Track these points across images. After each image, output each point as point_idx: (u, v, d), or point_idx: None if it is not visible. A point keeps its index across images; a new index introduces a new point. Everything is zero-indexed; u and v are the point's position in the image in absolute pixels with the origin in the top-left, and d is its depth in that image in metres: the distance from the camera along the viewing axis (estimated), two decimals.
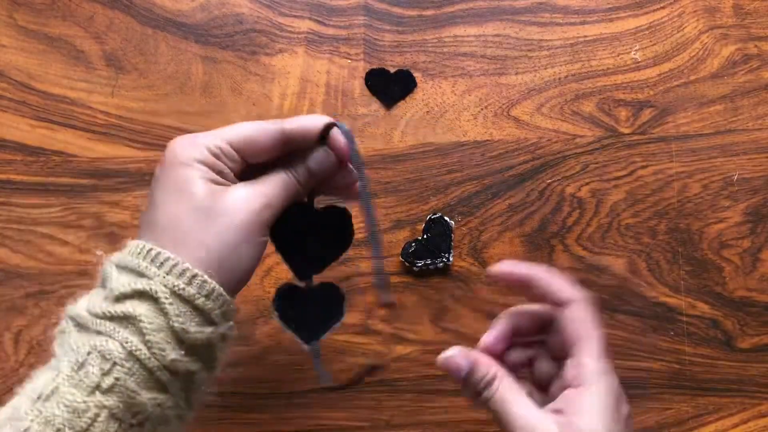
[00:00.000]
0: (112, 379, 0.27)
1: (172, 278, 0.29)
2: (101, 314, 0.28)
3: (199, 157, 0.31)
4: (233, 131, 0.32)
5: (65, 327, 0.29)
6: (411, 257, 0.47)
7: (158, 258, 0.29)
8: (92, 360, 0.27)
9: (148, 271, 0.29)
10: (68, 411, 0.26)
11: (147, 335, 0.28)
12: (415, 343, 0.48)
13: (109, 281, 0.29)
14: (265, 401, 0.47)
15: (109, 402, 0.27)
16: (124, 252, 0.30)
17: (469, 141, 0.50)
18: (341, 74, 0.50)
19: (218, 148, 0.31)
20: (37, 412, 0.26)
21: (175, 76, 0.50)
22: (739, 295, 0.49)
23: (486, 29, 0.51)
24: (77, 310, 0.29)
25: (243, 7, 0.51)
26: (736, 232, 0.49)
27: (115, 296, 0.29)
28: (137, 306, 0.28)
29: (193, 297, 0.29)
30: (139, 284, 0.28)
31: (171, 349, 0.28)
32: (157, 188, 0.31)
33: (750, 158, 0.50)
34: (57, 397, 0.27)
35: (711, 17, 0.51)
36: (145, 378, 0.28)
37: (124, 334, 0.28)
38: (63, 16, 0.50)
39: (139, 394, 0.28)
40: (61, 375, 0.27)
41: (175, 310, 0.28)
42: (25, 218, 0.48)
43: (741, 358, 0.48)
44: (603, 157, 0.50)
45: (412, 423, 0.47)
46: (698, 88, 0.50)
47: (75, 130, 0.49)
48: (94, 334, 0.28)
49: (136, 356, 0.28)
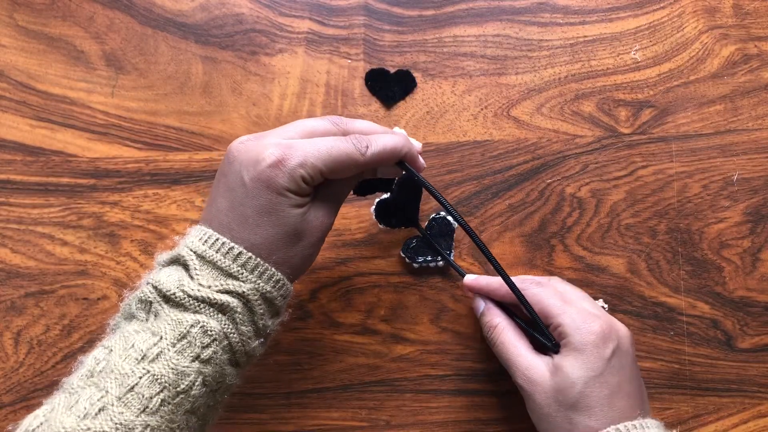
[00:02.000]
0: (210, 352, 0.32)
1: (262, 283, 0.34)
2: (200, 298, 0.32)
3: (293, 188, 0.34)
4: (328, 158, 0.34)
5: (151, 297, 0.33)
6: (411, 253, 0.47)
7: (249, 263, 0.34)
8: (195, 333, 0.32)
9: (241, 275, 0.34)
10: (173, 373, 0.31)
11: (239, 325, 0.33)
12: (415, 343, 0.48)
13: (196, 271, 0.33)
14: (265, 401, 0.47)
15: (206, 370, 0.32)
16: (205, 245, 0.34)
17: (469, 141, 0.50)
18: (341, 74, 0.50)
19: (310, 176, 0.34)
20: (144, 371, 0.30)
21: (175, 76, 0.50)
22: (739, 295, 0.49)
23: (486, 29, 0.51)
24: (168, 286, 0.33)
25: (243, 7, 0.51)
26: (736, 232, 0.49)
27: (211, 286, 0.33)
28: (231, 300, 0.33)
29: (274, 298, 0.35)
30: (232, 285, 0.33)
31: (254, 339, 0.35)
32: (248, 203, 0.34)
33: (750, 158, 0.50)
34: (163, 360, 0.31)
35: (711, 17, 0.51)
36: (230, 357, 0.34)
37: (221, 318, 0.33)
38: (63, 16, 0.50)
39: (225, 368, 0.33)
40: (164, 341, 0.31)
41: (260, 309, 0.34)
42: (25, 218, 0.48)
43: (741, 358, 0.48)
44: (603, 157, 0.50)
45: (412, 423, 0.47)
46: (698, 88, 0.50)
47: (75, 130, 0.49)
48: (191, 312, 0.32)
49: (229, 339, 0.33)
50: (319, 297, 0.48)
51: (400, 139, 0.38)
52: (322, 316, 0.48)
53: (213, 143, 0.49)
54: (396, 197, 0.46)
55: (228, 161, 0.35)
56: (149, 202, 0.49)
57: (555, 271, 0.49)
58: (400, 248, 0.48)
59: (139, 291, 0.34)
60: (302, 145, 0.34)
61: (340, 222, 0.49)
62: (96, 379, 0.31)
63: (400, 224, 0.48)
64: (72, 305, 0.48)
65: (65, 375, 0.33)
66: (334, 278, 0.49)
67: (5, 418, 0.47)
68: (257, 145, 0.34)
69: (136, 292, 0.34)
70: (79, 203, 0.49)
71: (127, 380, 0.30)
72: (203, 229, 0.35)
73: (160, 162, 0.49)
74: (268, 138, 0.35)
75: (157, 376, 0.30)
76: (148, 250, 0.48)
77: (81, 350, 0.47)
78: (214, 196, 0.36)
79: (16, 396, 0.47)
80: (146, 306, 0.33)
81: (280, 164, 0.33)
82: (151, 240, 0.48)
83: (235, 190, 0.34)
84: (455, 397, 0.47)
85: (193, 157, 0.49)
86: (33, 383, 0.47)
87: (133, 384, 0.30)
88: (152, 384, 0.30)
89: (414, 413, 0.47)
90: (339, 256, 0.49)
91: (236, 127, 0.50)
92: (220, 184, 0.35)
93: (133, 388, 0.30)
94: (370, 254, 0.49)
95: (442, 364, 0.48)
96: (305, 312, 0.48)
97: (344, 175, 0.36)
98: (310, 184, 0.34)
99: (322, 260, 0.49)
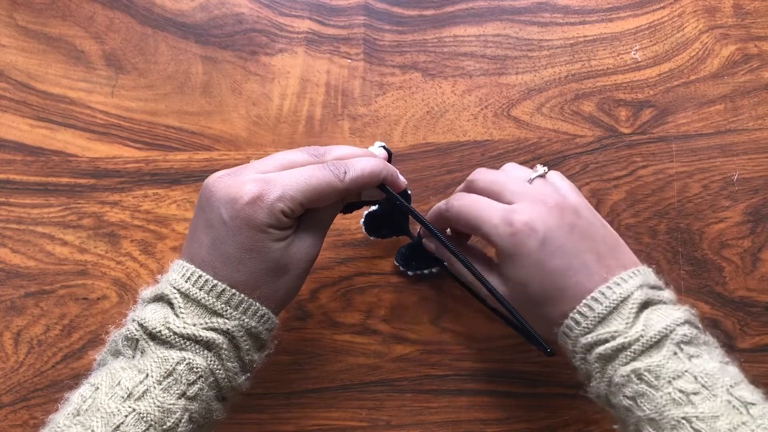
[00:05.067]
0: (196, 388, 0.32)
1: (247, 319, 0.34)
2: (186, 335, 0.32)
3: (274, 223, 0.33)
4: (306, 189, 0.34)
5: (137, 335, 0.33)
6: (404, 261, 0.47)
7: (233, 299, 0.34)
8: (181, 370, 0.32)
9: (226, 312, 0.33)
10: (160, 410, 0.31)
11: (225, 361, 0.33)
12: (415, 343, 0.48)
13: (180, 309, 0.33)
14: (265, 401, 0.47)
15: (192, 407, 0.32)
16: (188, 283, 0.33)
17: (469, 141, 0.50)
18: (341, 74, 0.50)
19: (290, 209, 0.34)
20: (130, 410, 0.30)
21: (175, 76, 0.50)
22: (739, 295, 0.49)
23: (486, 29, 0.51)
24: (154, 324, 0.33)
25: (243, 7, 0.51)
26: (736, 232, 0.49)
27: (196, 324, 0.33)
28: (217, 336, 0.33)
29: (260, 333, 0.35)
30: (217, 323, 0.33)
31: (240, 374, 0.35)
32: (230, 241, 0.33)
33: (750, 158, 0.50)
34: (149, 397, 0.31)
35: (711, 17, 0.51)
36: (216, 393, 0.34)
37: (207, 355, 0.33)
38: (63, 16, 0.50)
39: (212, 404, 0.34)
40: (150, 379, 0.31)
41: (246, 345, 0.34)
42: (25, 218, 0.48)
43: (741, 358, 0.48)
44: (603, 157, 0.50)
45: (412, 423, 0.47)
46: (698, 88, 0.50)
47: (75, 130, 0.49)
48: (177, 349, 0.32)
49: (215, 375, 0.33)
50: (319, 297, 0.48)
51: (379, 163, 0.37)
52: (322, 316, 0.48)
53: (213, 143, 0.49)
54: (384, 208, 0.46)
55: (206, 198, 0.34)
56: (149, 202, 0.49)
57: None
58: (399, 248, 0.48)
59: (125, 328, 0.34)
60: (280, 179, 0.34)
61: (340, 222, 0.49)
62: (82, 418, 0.30)
63: (391, 234, 0.47)
64: (72, 305, 0.48)
65: (65, 376, 0.33)
66: (334, 278, 0.49)
67: (5, 418, 0.47)
68: (235, 181, 0.34)
69: (122, 329, 0.34)
70: (79, 203, 0.49)
71: (113, 419, 0.30)
72: (185, 265, 0.34)
73: (160, 162, 0.49)
74: (245, 174, 0.34)
75: (143, 415, 0.30)
76: (148, 250, 0.48)
77: (81, 350, 0.47)
78: (194, 231, 0.35)
79: (16, 396, 0.47)
80: (132, 343, 0.33)
81: (259, 200, 0.33)
82: (151, 240, 0.48)
83: (216, 227, 0.34)
84: (455, 397, 0.47)
85: (193, 157, 0.49)
86: (33, 383, 0.47)
87: (119, 423, 0.30)
88: (138, 422, 0.30)
89: (414, 413, 0.47)
90: (339, 256, 0.49)
91: (236, 127, 0.50)
92: (200, 219, 0.35)
93: (119, 427, 0.30)
94: (370, 254, 0.49)
95: (442, 364, 0.48)
96: (305, 312, 0.48)
97: (325, 203, 0.36)
98: (290, 216, 0.34)
99: (322, 260, 0.49)
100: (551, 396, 0.47)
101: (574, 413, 0.47)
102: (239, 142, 0.49)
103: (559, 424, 0.47)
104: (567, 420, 0.47)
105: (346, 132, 0.50)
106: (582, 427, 0.47)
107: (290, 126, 0.50)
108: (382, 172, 0.37)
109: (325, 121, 0.50)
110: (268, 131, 0.50)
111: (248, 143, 0.49)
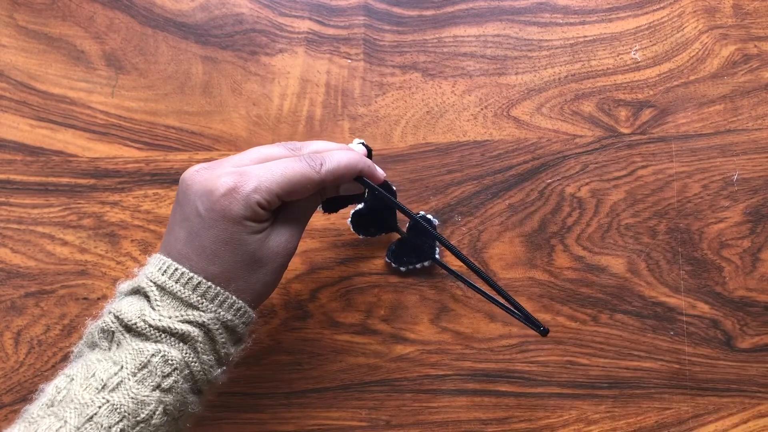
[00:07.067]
0: (171, 381, 0.32)
1: (223, 312, 0.34)
2: (161, 328, 0.32)
3: (249, 215, 0.33)
4: (282, 181, 0.34)
5: (113, 327, 0.33)
6: (394, 257, 0.47)
7: (209, 292, 0.34)
8: (156, 362, 0.32)
9: (201, 305, 0.33)
10: (133, 402, 0.31)
11: (201, 354, 0.33)
12: (415, 343, 0.48)
13: (157, 302, 0.33)
14: (265, 401, 0.47)
15: (167, 399, 0.32)
16: (164, 276, 0.34)
17: (469, 141, 0.50)
18: (341, 74, 0.50)
19: (266, 201, 0.34)
20: (104, 401, 0.30)
21: (175, 76, 0.50)
22: (739, 295, 0.49)
23: (486, 29, 0.51)
24: (130, 316, 0.33)
25: (243, 7, 0.51)
26: (736, 232, 0.49)
27: (172, 317, 0.33)
28: (192, 329, 0.33)
29: (236, 326, 0.35)
30: (192, 315, 0.33)
31: (216, 367, 0.35)
32: (205, 233, 0.34)
33: (750, 158, 0.50)
34: (123, 389, 0.31)
35: (711, 17, 0.51)
36: (191, 386, 0.34)
37: (183, 347, 0.33)
38: (63, 16, 0.50)
39: (187, 397, 0.33)
40: (125, 370, 0.31)
41: (222, 338, 0.34)
42: (25, 218, 0.48)
43: (741, 358, 0.48)
44: (603, 157, 0.50)
45: (412, 423, 0.47)
46: (698, 88, 0.50)
47: (75, 130, 0.49)
48: (152, 342, 0.32)
49: (191, 368, 0.33)
50: (319, 297, 0.48)
51: (355, 155, 0.38)
52: (322, 316, 0.48)
53: (213, 143, 0.49)
54: (370, 206, 0.46)
55: (182, 191, 0.35)
56: (149, 202, 0.49)
57: (555, 271, 0.49)
58: (389, 245, 0.48)
59: (102, 320, 0.34)
60: (255, 171, 0.34)
61: (340, 222, 0.49)
62: (56, 409, 0.30)
63: (380, 231, 0.47)
64: (72, 305, 0.48)
65: None
66: (334, 278, 0.49)
67: (5, 418, 0.47)
68: (211, 174, 0.34)
69: (99, 321, 0.34)
70: (79, 203, 0.49)
71: (86, 410, 0.30)
72: (162, 258, 0.34)
73: (160, 162, 0.49)
74: (221, 167, 0.35)
75: (117, 406, 0.30)
76: (148, 250, 0.48)
77: None
78: (171, 225, 0.35)
79: (16, 396, 0.47)
80: (108, 335, 0.33)
81: (234, 192, 0.33)
82: (151, 240, 0.48)
83: (191, 220, 0.34)
84: (455, 397, 0.47)
85: (193, 157, 0.49)
86: (33, 383, 0.47)
87: (92, 414, 0.30)
88: (112, 413, 0.30)
89: (414, 413, 0.47)
90: (339, 256, 0.49)
91: (236, 127, 0.50)
92: (177, 213, 0.35)
93: (92, 418, 0.30)
94: (370, 254, 0.49)
95: (442, 364, 0.48)
96: (305, 312, 0.48)
97: (302, 195, 0.36)
98: (267, 209, 0.34)
99: (322, 260, 0.49)
100: (551, 396, 0.47)
101: (574, 413, 0.47)
102: (239, 142, 0.49)
103: (559, 424, 0.47)
104: (567, 420, 0.47)
105: (346, 132, 0.50)
106: (582, 427, 0.47)
107: (290, 126, 0.50)
108: (358, 164, 0.37)
109: (325, 121, 0.50)
110: (268, 131, 0.50)
111: (248, 143, 0.49)
